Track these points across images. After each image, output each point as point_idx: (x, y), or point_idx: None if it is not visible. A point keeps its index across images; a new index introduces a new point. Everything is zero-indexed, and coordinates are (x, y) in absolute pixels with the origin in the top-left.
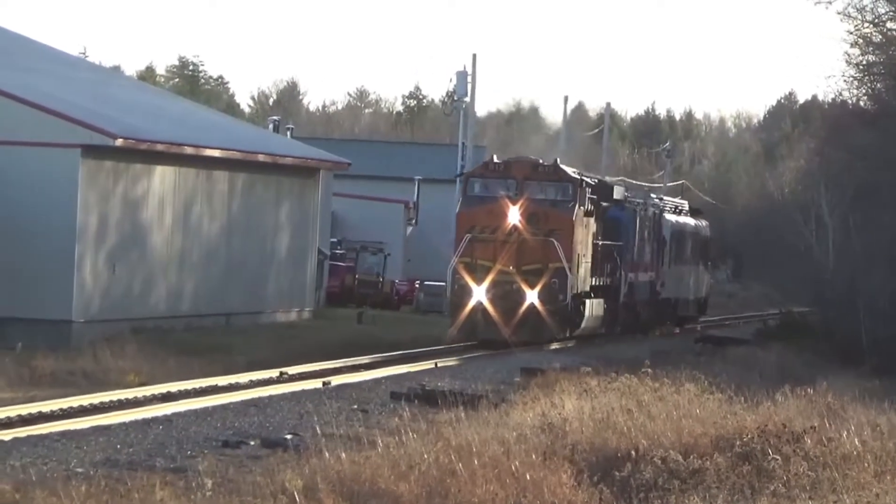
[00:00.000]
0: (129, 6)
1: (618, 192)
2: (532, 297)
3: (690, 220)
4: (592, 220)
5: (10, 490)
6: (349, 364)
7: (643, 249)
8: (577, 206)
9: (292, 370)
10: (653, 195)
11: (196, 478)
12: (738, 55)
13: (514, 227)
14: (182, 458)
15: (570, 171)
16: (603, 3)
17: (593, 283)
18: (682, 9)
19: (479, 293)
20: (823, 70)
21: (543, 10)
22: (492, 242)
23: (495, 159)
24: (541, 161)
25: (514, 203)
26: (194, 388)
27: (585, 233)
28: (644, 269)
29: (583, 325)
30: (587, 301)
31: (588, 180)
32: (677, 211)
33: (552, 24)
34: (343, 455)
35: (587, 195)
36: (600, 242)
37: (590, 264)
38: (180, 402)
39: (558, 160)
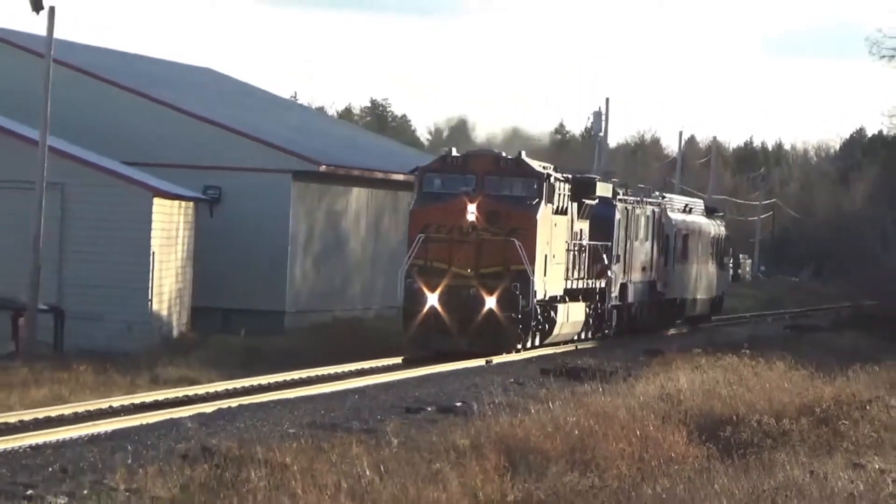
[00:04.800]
0: (330, 60)
1: (602, 189)
2: (491, 302)
3: (702, 219)
4: (566, 218)
5: (236, 447)
6: None
7: (640, 249)
8: (542, 202)
9: None
10: (656, 192)
11: (384, 437)
12: (818, 96)
13: (472, 225)
14: (373, 421)
15: (535, 165)
16: (715, 54)
17: (569, 285)
18: (783, 61)
19: (433, 298)
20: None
21: (664, 57)
22: (447, 243)
23: (454, 152)
24: (503, 154)
25: (472, 200)
26: (383, 366)
27: (555, 232)
28: (641, 269)
29: (555, 331)
30: (559, 306)
31: (558, 175)
32: (686, 209)
33: (671, 70)
34: (502, 419)
35: (558, 191)
36: (584, 242)
37: (563, 266)
38: (371, 376)
39: (523, 153)
